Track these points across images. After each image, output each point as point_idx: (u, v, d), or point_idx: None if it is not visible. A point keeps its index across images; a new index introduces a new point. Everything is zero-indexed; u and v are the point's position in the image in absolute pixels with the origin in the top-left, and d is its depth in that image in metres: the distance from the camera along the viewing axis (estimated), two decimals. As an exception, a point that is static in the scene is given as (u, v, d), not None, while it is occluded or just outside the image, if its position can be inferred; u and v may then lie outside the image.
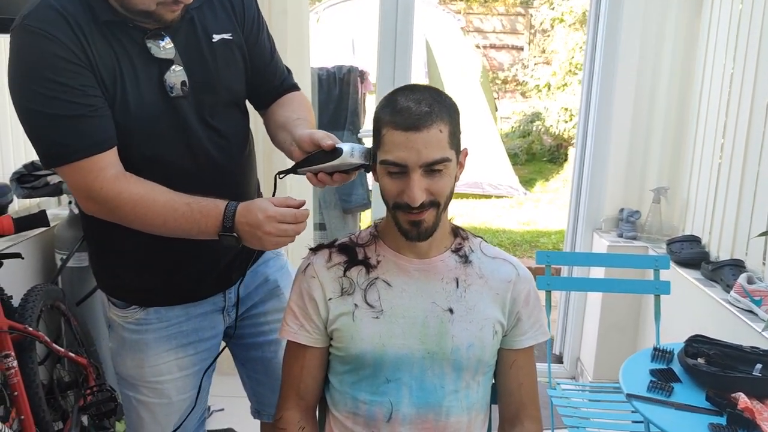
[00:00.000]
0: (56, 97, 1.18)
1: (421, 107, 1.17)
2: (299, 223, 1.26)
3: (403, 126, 1.16)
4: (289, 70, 1.60)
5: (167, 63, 1.29)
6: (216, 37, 1.36)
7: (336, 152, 1.27)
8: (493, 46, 10.76)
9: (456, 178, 1.26)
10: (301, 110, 1.50)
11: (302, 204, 1.28)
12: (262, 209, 1.23)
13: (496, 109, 8.27)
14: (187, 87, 1.31)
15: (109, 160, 1.24)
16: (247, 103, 1.53)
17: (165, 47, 1.29)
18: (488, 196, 6.94)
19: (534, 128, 8.48)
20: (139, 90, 1.27)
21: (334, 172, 1.30)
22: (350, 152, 1.27)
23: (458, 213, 6.42)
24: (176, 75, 1.30)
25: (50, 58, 1.17)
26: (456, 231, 1.36)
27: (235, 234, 1.24)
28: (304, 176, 1.33)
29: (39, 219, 1.75)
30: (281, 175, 1.36)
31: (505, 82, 10.63)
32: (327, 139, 1.29)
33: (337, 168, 1.29)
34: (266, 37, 1.50)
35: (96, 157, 1.22)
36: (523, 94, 10.12)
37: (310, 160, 1.30)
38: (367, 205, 3.77)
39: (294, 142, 1.36)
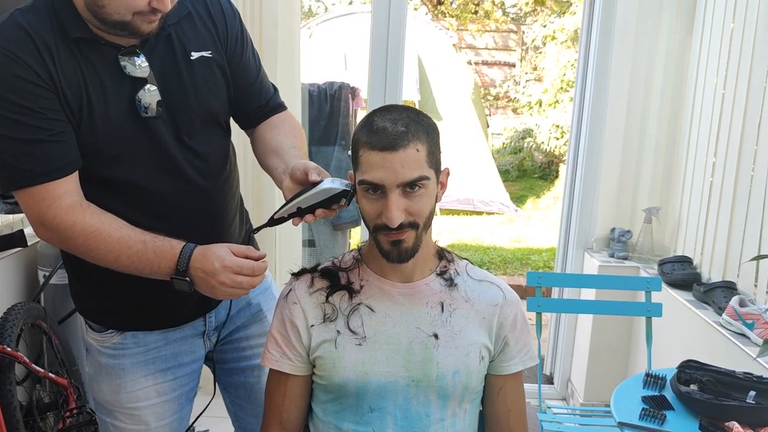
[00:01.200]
0: (14, 119, 1.14)
1: (398, 127, 1.15)
2: (256, 276, 1.22)
3: (379, 146, 1.14)
4: (275, 88, 1.55)
5: (141, 82, 1.24)
6: (195, 55, 1.31)
7: (316, 184, 1.25)
8: (485, 63, 10.81)
9: (437, 198, 1.23)
10: (294, 136, 1.47)
11: (262, 257, 1.25)
12: (219, 258, 1.20)
13: (488, 126, 8.29)
14: (162, 107, 1.26)
15: (66, 187, 1.20)
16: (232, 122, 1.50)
17: (140, 65, 1.24)
18: (479, 213, 6.93)
19: (525, 145, 8.51)
20: (107, 110, 1.22)
21: (315, 209, 1.26)
22: (330, 182, 1.25)
23: (449, 230, 6.40)
24: (150, 94, 1.25)
25: (11, 79, 1.13)
26: (441, 253, 1.33)
27: (187, 279, 1.20)
28: (287, 221, 1.29)
29: (16, 239, 1.71)
30: (255, 231, 1.34)
31: (497, 98, 10.68)
32: (315, 172, 1.27)
33: (316, 198, 1.25)
34: (251, 55, 1.46)
35: (51, 184, 1.18)
36: (514, 110, 10.16)
37: (290, 200, 1.27)
38: (357, 221, 3.74)
39: (286, 171, 1.33)
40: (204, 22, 1.34)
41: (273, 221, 1.30)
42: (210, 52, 1.33)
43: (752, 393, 1.56)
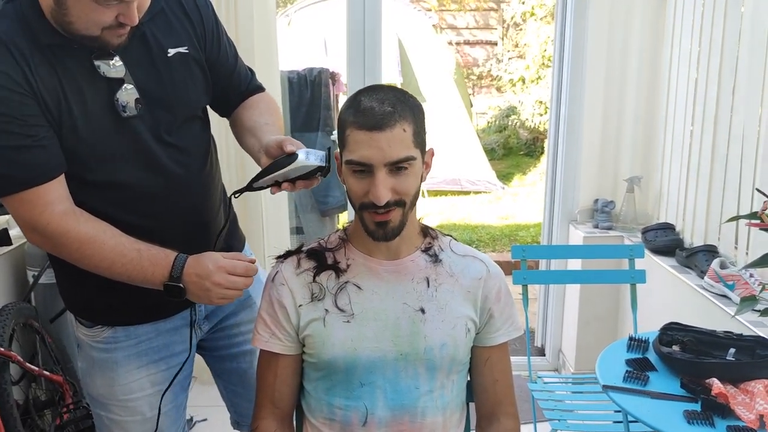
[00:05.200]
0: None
1: (384, 107, 1.17)
2: (249, 276, 1.27)
3: (367, 126, 1.16)
4: (252, 72, 1.56)
5: (118, 82, 1.24)
6: (171, 51, 1.30)
7: (292, 157, 1.27)
8: (467, 42, 10.78)
9: (422, 178, 1.26)
10: (269, 114, 1.48)
11: (253, 261, 1.29)
12: (213, 260, 1.24)
13: (472, 105, 8.29)
14: (141, 105, 1.26)
15: (57, 193, 1.21)
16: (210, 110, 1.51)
17: (115, 65, 1.23)
18: (466, 192, 6.96)
19: (510, 122, 8.53)
20: (86, 113, 1.22)
21: (296, 179, 1.29)
22: (305, 156, 1.27)
23: (437, 210, 6.43)
24: (128, 93, 1.25)
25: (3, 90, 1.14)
26: (425, 230, 1.36)
27: (180, 285, 1.23)
28: (266, 189, 1.31)
29: (1, 238, 1.71)
30: (236, 195, 1.34)
31: (480, 77, 10.66)
32: (289, 144, 1.29)
33: (294, 173, 1.28)
34: (227, 44, 1.46)
35: (41, 189, 1.19)
36: (498, 88, 10.15)
37: (268, 170, 1.29)
38: (343, 206, 3.76)
39: (261, 149, 1.35)
40: (179, 19, 1.33)
41: (252, 188, 1.32)
42: (186, 48, 1.33)
43: (732, 350, 1.60)
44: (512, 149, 8.53)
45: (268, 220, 2.91)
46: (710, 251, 2.33)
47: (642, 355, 1.70)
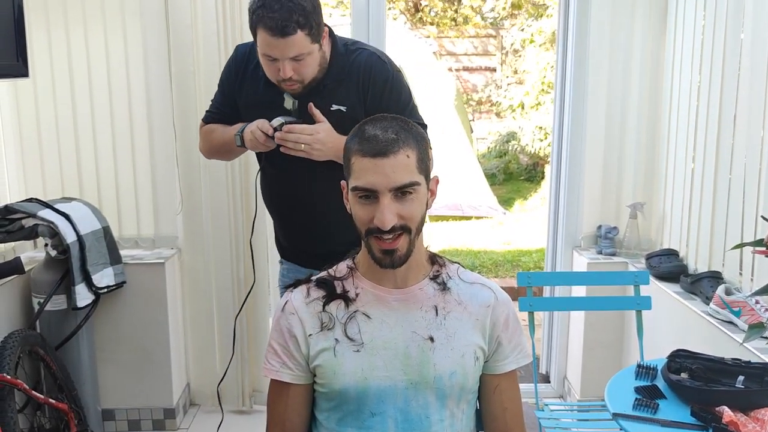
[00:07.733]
0: (220, 84, 1.98)
1: (388, 134, 1.21)
2: (261, 142, 1.77)
3: (371, 153, 1.20)
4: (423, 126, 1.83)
5: (286, 111, 1.82)
6: (334, 107, 1.78)
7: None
8: (466, 69, 10.90)
9: (428, 205, 1.28)
10: None
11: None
12: (258, 122, 1.78)
13: (472, 131, 8.35)
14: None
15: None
16: None
17: (292, 99, 1.81)
18: (468, 218, 6.98)
19: (510, 148, 8.59)
20: (259, 112, 1.82)
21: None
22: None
23: (439, 236, 6.44)
24: (281, 119, 1.78)
25: (225, 70, 1.96)
26: (433, 258, 1.37)
27: (240, 135, 1.83)
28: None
29: (16, 266, 1.73)
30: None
31: (479, 103, 10.76)
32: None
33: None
34: (395, 105, 1.81)
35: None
36: (497, 114, 10.24)
37: None
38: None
39: None
40: (354, 86, 1.79)
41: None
42: (346, 108, 1.79)
43: (741, 378, 1.60)
44: (513, 174, 8.58)
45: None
46: (715, 277, 2.33)
47: (650, 382, 1.70)
